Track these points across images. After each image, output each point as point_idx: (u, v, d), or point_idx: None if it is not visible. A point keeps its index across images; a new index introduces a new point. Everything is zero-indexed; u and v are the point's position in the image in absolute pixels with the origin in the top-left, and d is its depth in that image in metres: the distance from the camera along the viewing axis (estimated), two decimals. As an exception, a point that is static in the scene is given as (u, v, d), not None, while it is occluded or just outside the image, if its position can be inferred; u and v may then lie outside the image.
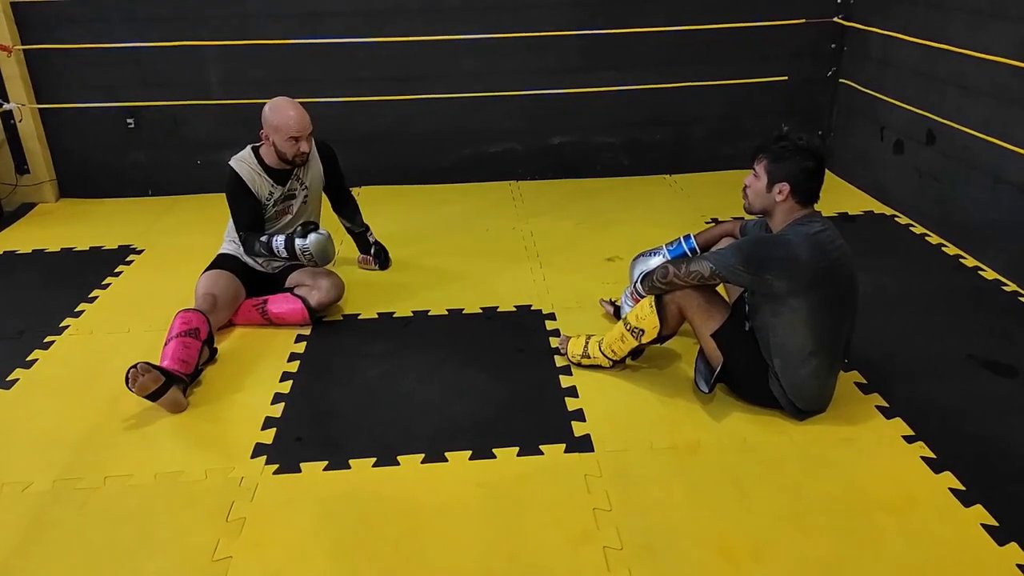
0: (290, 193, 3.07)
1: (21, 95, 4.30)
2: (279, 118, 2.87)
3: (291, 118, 2.87)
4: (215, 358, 2.84)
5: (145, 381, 2.43)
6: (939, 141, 3.76)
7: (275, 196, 3.03)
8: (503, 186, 4.71)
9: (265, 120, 2.90)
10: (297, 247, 2.91)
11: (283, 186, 3.04)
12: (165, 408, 2.51)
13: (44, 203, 4.55)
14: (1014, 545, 1.95)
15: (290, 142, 2.89)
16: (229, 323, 3.06)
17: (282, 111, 2.88)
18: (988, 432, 2.38)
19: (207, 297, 2.91)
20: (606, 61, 4.51)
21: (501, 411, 2.53)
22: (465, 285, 3.41)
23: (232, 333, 3.04)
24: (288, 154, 2.92)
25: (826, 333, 2.30)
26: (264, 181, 2.99)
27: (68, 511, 2.13)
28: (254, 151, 3.01)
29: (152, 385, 2.45)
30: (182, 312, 2.75)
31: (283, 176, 3.03)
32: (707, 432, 2.40)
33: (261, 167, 2.99)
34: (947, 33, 3.60)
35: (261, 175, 2.99)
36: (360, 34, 4.30)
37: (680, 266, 2.39)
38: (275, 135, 2.90)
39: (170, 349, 2.63)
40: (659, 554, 1.95)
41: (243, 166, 2.97)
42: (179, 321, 2.71)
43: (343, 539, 2.02)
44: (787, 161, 2.26)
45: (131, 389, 2.42)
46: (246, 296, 3.08)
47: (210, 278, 3.01)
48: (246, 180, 2.96)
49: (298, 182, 3.08)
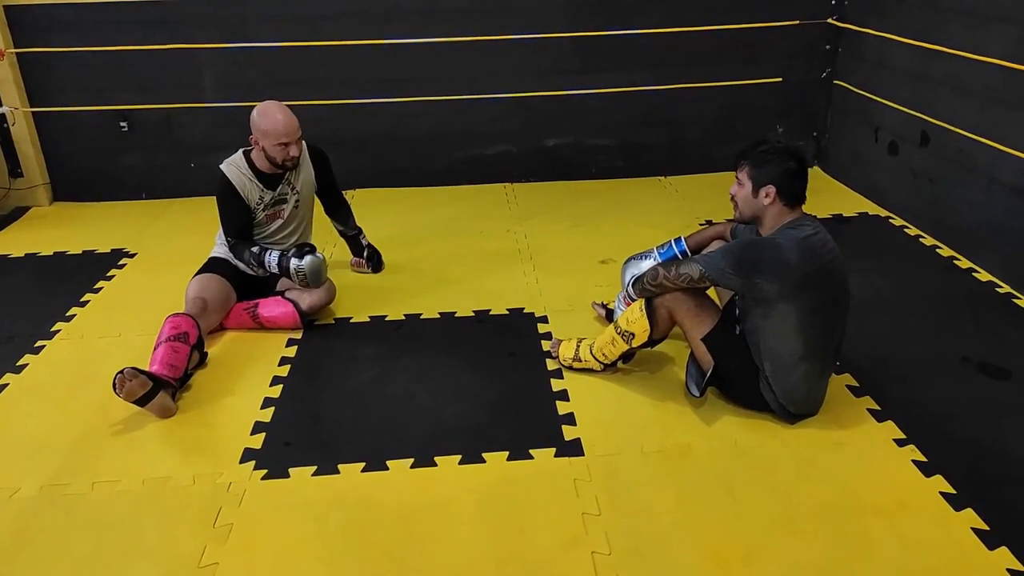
0: (281, 197, 3.06)
1: (14, 99, 4.30)
2: (267, 123, 2.86)
3: (279, 122, 2.86)
4: (205, 362, 2.83)
5: (132, 387, 2.42)
6: (933, 143, 3.76)
7: (265, 200, 3.02)
8: (497, 188, 4.70)
9: (254, 125, 2.89)
10: (292, 267, 2.90)
11: (273, 191, 3.02)
12: (154, 413, 2.50)
13: (37, 207, 4.54)
14: (1004, 550, 1.94)
15: (279, 147, 2.88)
16: (220, 327, 3.05)
17: (270, 115, 2.87)
18: (980, 435, 2.37)
19: (197, 301, 2.89)
20: (600, 63, 4.50)
21: (492, 415, 2.52)
22: (458, 288, 3.40)
23: (223, 337, 3.03)
24: (278, 159, 2.91)
25: (817, 337, 2.29)
26: (254, 186, 2.98)
27: (55, 517, 2.12)
28: (245, 155, 3.00)
29: (139, 390, 2.43)
30: (171, 316, 2.74)
31: (274, 181, 3.02)
32: (698, 436, 2.39)
33: (252, 172, 2.98)
34: (941, 34, 3.59)
35: (251, 180, 2.97)
36: (354, 37, 4.30)
37: (670, 269, 2.39)
38: (264, 140, 2.88)
39: (159, 354, 2.62)
40: (648, 559, 1.94)
41: (233, 170, 2.96)
42: (168, 325, 2.70)
43: (331, 545, 2.01)
44: (769, 164, 2.25)
45: (118, 394, 2.41)
46: (237, 300, 3.07)
47: (200, 282, 3.00)
48: (236, 185, 2.95)
49: (289, 186, 3.07)
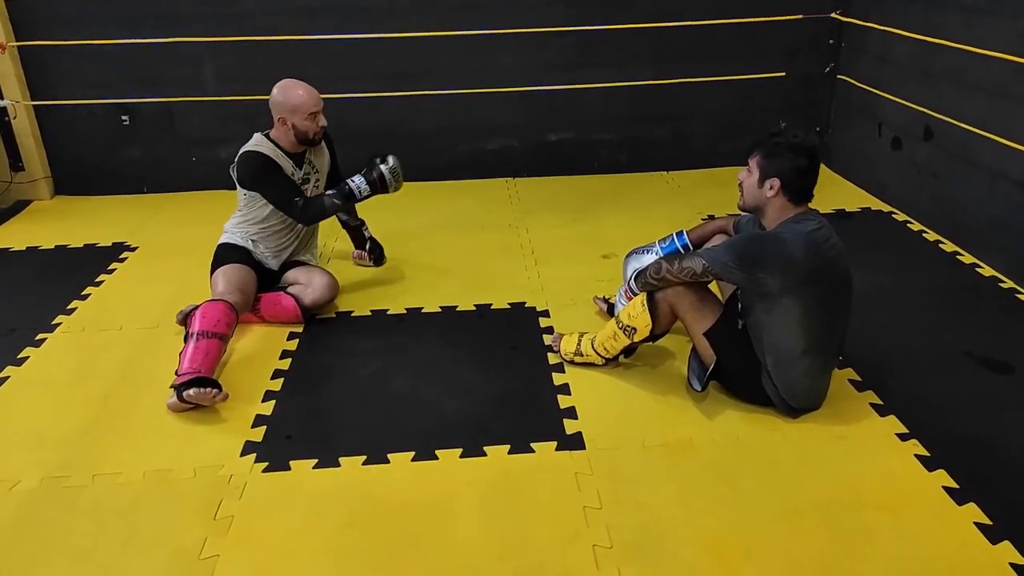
0: (305, 177, 3.07)
1: (15, 92, 4.29)
2: (293, 98, 2.88)
3: (304, 95, 2.89)
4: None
5: (203, 396, 2.44)
6: (937, 137, 3.74)
7: (297, 177, 3.02)
8: (500, 183, 4.69)
9: (277, 104, 2.90)
10: (386, 169, 2.95)
11: (300, 170, 3.04)
12: (197, 401, 2.50)
13: (39, 200, 4.54)
14: (1007, 544, 1.93)
15: (310, 118, 2.91)
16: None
17: (292, 91, 2.90)
18: (983, 430, 2.37)
19: (241, 296, 2.86)
20: (604, 57, 4.49)
21: (493, 409, 2.52)
22: (459, 282, 3.40)
23: (224, 330, 3.03)
24: (309, 132, 2.93)
25: (820, 332, 2.28)
26: (286, 162, 2.98)
27: (55, 509, 2.12)
28: (267, 137, 2.99)
29: (207, 404, 2.49)
30: (227, 309, 2.69)
31: (299, 159, 3.03)
32: (699, 430, 2.38)
33: (280, 150, 2.98)
34: (945, 28, 3.58)
35: (282, 157, 2.98)
36: (356, 30, 4.29)
37: (673, 263, 2.38)
38: (293, 116, 2.89)
39: (213, 352, 2.59)
40: (649, 553, 1.93)
41: (265, 150, 2.95)
42: (224, 322, 2.65)
43: (332, 538, 2.01)
44: (779, 157, 2.24)
45: (186, 403, 2.45)
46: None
47: (237, 273, 2.94)
48: (273, 158, 2.94)
49: (311, 167, 3.08)
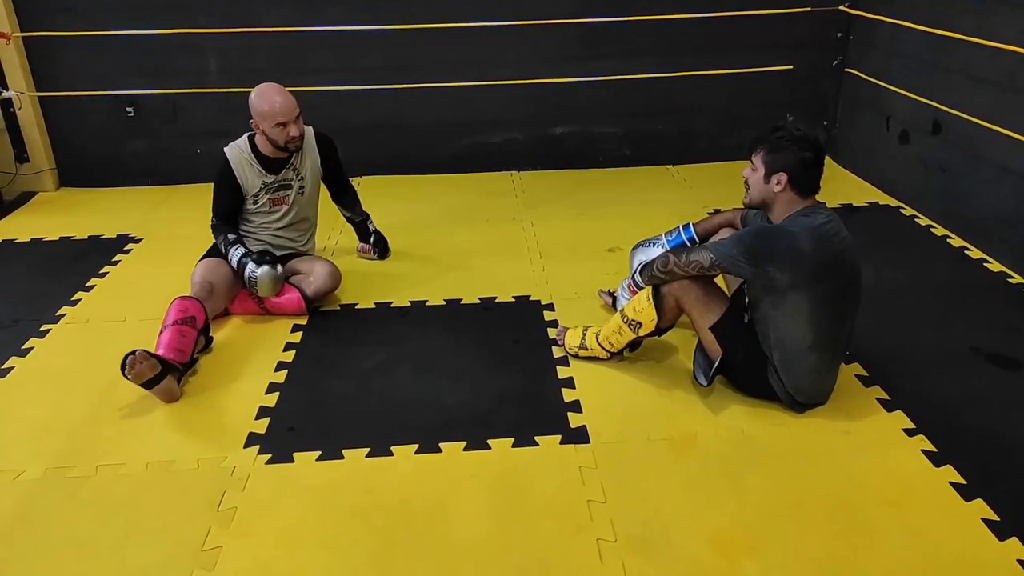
0: (285, 183, 3.04)
1: (20, 83, 4.28)
2: (264, 104, 2.85)
3: (276, 103, 2.84)
4: (211, 347, 2.83)
5: (142, 369, 2.40)
6: (945, 131, 3.71)
7: (269, 185, 3.00)
8: (503, 176, 4.68)
9: (252, 107, 2.88)
10: (247, 272, 2.91)
11: (276, 175, 3.01)
12: (159, 397, 2.49)
13: (44, 192, 4.53)
14: (1015, 540, 1.92)
15: (278, 128, 2.87)
16: (225, 312, 3.04)
17: (266, 97, 2.86)
18: (990, 425, 2.35)
19: (204, 284, 2.88)
20: (608, 50, 4.46)
21: (497, 402, 2.51)
22: (464, 275, 3.39)
23: (228, 322, 3.02)
24: (279, 140, 2.90)
25: (827, 327, 2.26)
26: (254, 169, 2.97)
27: (58, 500, 2.12)
28: (250, 139, 2.99)
29: (148, 373, 2.42)
30: (179, 299, 2.73)
31: (277, 165, 3.00)
32: (704, 424, 2.37)
33: (254, 156, 2.96)
34: (953, 21, 3.54)
35: (253, 164, 2.96)
36: (360, 22, 4.27)
37: (680, 256, 2.36)
38: (263, 122, 2.87)
39: (165, 337, 2.61)
40: (653, 547, 1.92)
41: (235, 153, 2.96)
42: (175, 308, 2.69)
43: (335, 529, 2.00)
44: (784, 151, 2.22)
45: (127, 376, 2.40)
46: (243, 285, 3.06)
47: (207, 265, 2.98)
48: (235, 167, 2.95)
49: (293, 172, 3.05)
